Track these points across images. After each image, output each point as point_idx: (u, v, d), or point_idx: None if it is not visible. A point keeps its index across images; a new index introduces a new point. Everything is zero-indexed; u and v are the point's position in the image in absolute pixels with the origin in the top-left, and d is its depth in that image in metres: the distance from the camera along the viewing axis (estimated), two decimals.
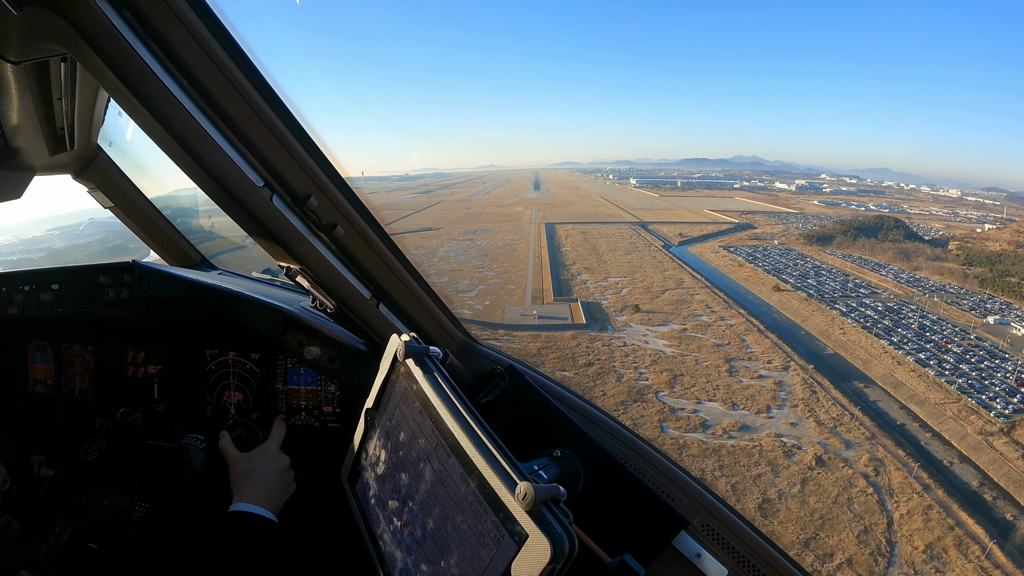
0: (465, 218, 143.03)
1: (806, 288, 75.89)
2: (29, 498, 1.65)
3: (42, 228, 16.41)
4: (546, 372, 1.69)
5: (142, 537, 1.77)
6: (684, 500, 1.39)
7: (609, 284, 76.73)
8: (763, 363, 50.10)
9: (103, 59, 0.82)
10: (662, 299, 69.08)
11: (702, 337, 56.00)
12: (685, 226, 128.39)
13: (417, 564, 1.10)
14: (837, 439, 37.66)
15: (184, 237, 2.57)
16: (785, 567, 1.35)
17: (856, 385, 48.51)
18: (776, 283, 77.30)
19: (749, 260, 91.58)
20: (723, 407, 41.30)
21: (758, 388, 44.70)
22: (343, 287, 1.37)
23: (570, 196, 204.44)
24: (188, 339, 1.94)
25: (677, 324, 59.77)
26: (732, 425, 38.44)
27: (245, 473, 1.50)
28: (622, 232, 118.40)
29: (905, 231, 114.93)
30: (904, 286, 78.42)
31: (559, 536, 0.84)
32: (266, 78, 1.00)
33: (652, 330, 57.91)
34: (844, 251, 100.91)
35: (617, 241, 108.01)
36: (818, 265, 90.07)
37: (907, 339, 57.69)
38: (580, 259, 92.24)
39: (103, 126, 1.94)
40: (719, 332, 57.71)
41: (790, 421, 39.88)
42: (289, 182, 1.12)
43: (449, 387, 1.11)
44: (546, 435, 1.43)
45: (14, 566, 1.54)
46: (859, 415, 41.74)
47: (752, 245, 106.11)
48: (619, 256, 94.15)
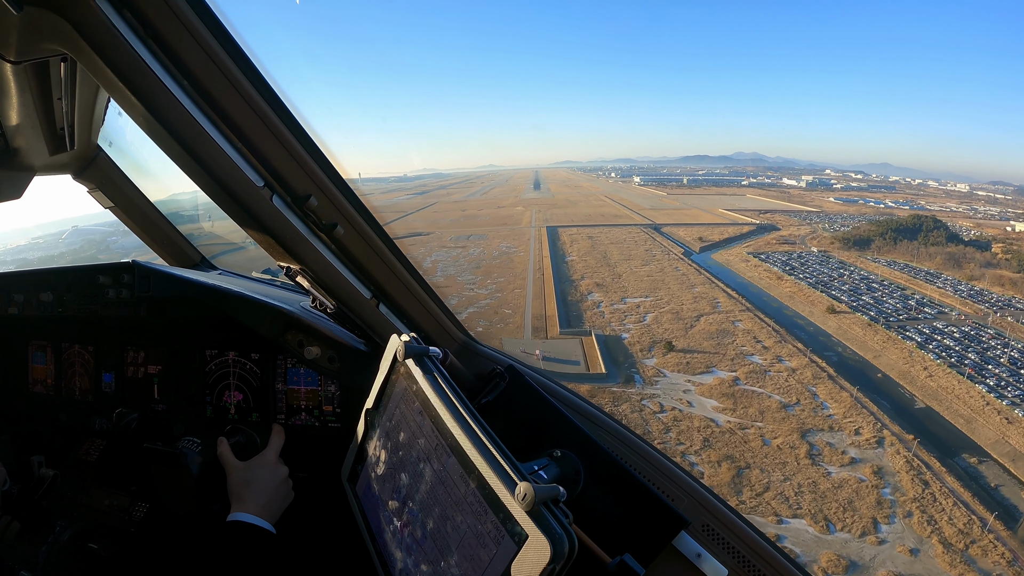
0: (459, 221, 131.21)
1: (863, 307, 65.01)
2: (29, 498, 1.65)
3: (28, 237, 16.41)
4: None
5: (141, 538, 1.77)
6: (684, 500, 1.39)
7: (628, 307, 62.07)
8: (849, 435, 37.49)
9: (103, 59, 0.82)
10: (698, 329, 54.77)
11: (761, 392, 42.62)
12: (702, 228, 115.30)
13: (417, 564, 1.10)
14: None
15: (184, 237, 2.57)
16: (785, 567, 1.35)
17: (967, 461, 37.01)
18: (829, 303, 65.32)
19: (787, 271, 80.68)
20: (814, 528, 28.95)
21: (854, 484, 32.25)
22: (343, 287, 1.37)
23: (572, 195, 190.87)
24: (188, 339, 1.94)
25: (725, 371, 45.96)
26: (834, 564, 26.73)
27: (243, 482, 1.50)
28: (634, 236, 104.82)
29: (946, 232, 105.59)
30: (969, 302, 68.46)
31: (559, 536, 0.84)
32: (266, 78, 1.00)
33: (694, 381, 43.90)
34: (886, 256, 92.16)
35: (630, 248, 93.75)
36: (866, 276, 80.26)
37: (1004, 381, 47.22)
38: (590, 272, 77.94)
39: (103, 126, 1.94)
40: (781, 382, 44.21)
41: (908, 546, 28.05)
42: (289, 182, 1.12)
43: (449, 387, 1.11)
44: (546, 435, 1.43)
45: (14, 566, 1.54)
46: (992, 523, 29.82)
47: (784, 252, 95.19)
48: (635, 267, 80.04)
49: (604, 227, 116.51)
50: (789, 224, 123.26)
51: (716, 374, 45.53)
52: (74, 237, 17.12)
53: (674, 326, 55.47)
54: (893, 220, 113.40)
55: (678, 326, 55.48)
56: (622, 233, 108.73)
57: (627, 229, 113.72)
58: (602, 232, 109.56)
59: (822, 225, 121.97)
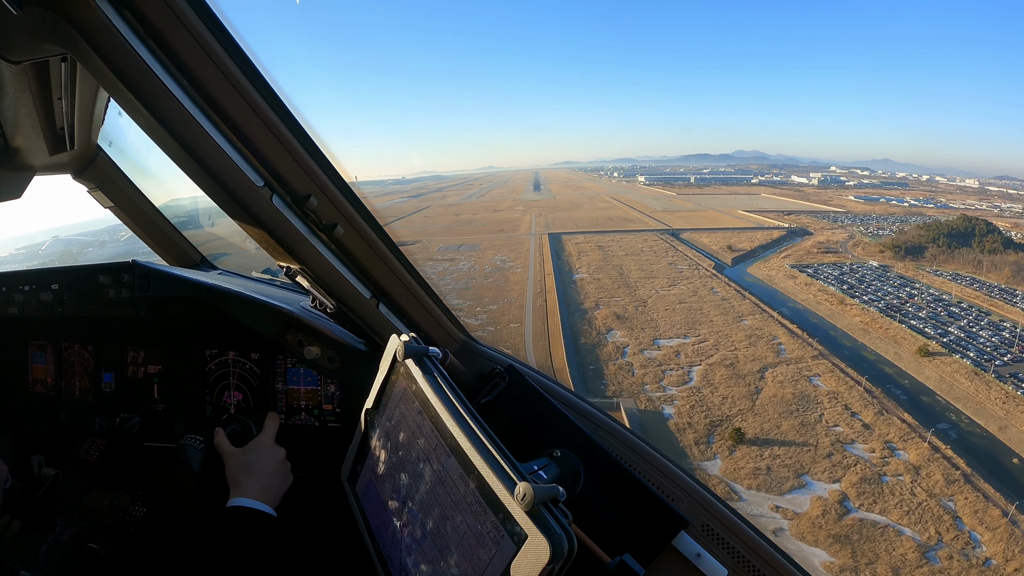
0: (451, 227, 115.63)
1: (957, 346, 49.49)
2: (30, 497, 1.66)
3: (9, 249, 16.36)
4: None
5: (142, 538, 1.77)
6: (684, 500, 1.39)
7: (664, 354, 43.67)
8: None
9: (103, 59, 0.82)
10: (768, 394, 37.05)
11: (884, 522, 27.41)
12: (727, 234, 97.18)
13: (417, 564, 1.10)
14: None
15: (184, 237, 2.57)
16: (785, 567, 1.35)
17: None
18: (916, 340, 49.63)
19: (847, 291, 64.31)
20: None
21: None
22: (343, 287, 1.37)
23: (575, 197, 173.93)
24: (188, 339, 1.94)
25: (824, 479, 30.16)
26: None
27: (241, 467, 1.49)
28: (651, 245, 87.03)
29: (1001, 237, 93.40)
30: None
31: (558, 536, 0.84)
32: (266, 78, 1.00)
33: (785, 509, 28.11)
34: (946, 267, 79.20)
35: (650, 260, 75.53)
36: (938, 297, 65.39)
37: None
38: (605, 296, 59.25)
39: (103, 126, 1.94)
40: (905, 497, 28.94)
41: None
42: (289, 182, 1.12)
43: (448, 387, 1.11)
44: (546, 435, 1.43)
45: (14, 566, 1.54)
46: None
47: (831, 263, 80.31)
48: (662, 288, 61.16)
49: (615, 233, 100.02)
50: (820, 227, 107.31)
51: (812, 489, 29.27)
52: (54, 247, 17.21)
53: (734, 390, 36.88)
54: (942, 224, 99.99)
55: (739, 390, 36.94)
56: (637, 241, 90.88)
57: (641, 236, 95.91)
58: (613, 240, 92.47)
59: (857, 228, 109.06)
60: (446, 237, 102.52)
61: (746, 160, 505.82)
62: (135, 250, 2.42)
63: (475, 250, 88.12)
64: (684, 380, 39.76)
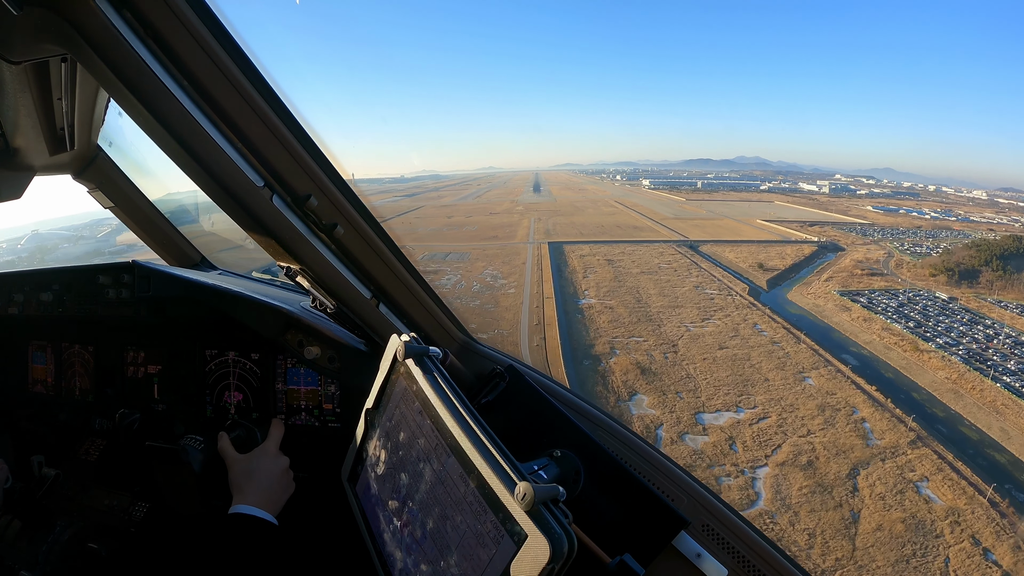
0: (441, 231, 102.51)
1: None
2: (30, 497, 1.66)
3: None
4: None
5: (142, 538, 1.77)
6: (684, 500, 1.39)
7: (714, 442, 30.64)
8: None
9: (103, 59, 0.82)
10: (871, 526, 24.99)
11: None
12: (752, 249, 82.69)
13: (417, 564, 1.10)
14: None
15: (184, 237, 2.57)
16: (785, 567, 1.35)
17: None
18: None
19: (914, 329, 52.02)
20: None
21: None
22: (343, 287, 1.37)
23: (577, 200, 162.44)
24: (188, 339, 1.94)
25: None
26: None
27: (244, 474, 1.50)
28: (668, 259, 73.79)
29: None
30: None
31: (558, 536, 0.84)
32: (266, 78, 1.00)
33: None
34: (1008, 295, 68.80)
35: (671, 281, 61.21)
36: (1018, 339, 52.93)
37: None
38: (621, 332, 45.55)
39: (103, 126, 1.94)
40: None
41: None
42: (289, 182, 1.12)
43: (449, 387, 1.11)
44: (546, 435, 1.43)
45: (14, 565, 1.54)
46: None
47: (882, 289, 68.34)
48: (692, 322, 47.30)
49: (625, 244, 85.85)
50: (851, 242, 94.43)
51: None
52: (32, 243, 17.28)
53: (822, 518, 24.78)
54: (993, 244, 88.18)
55: (829, 517, 24.94)
56: (651, 254, 76.55)
57: (656, 248, 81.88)
58: (624, 252, 77.97)
59: (893, 245, 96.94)
60: (434, 242, 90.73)
61: (748, 166, 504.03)
62: (104, 248, 2.36)
63: (464, 260, 74.96)
64: (749, 498, 26.68)
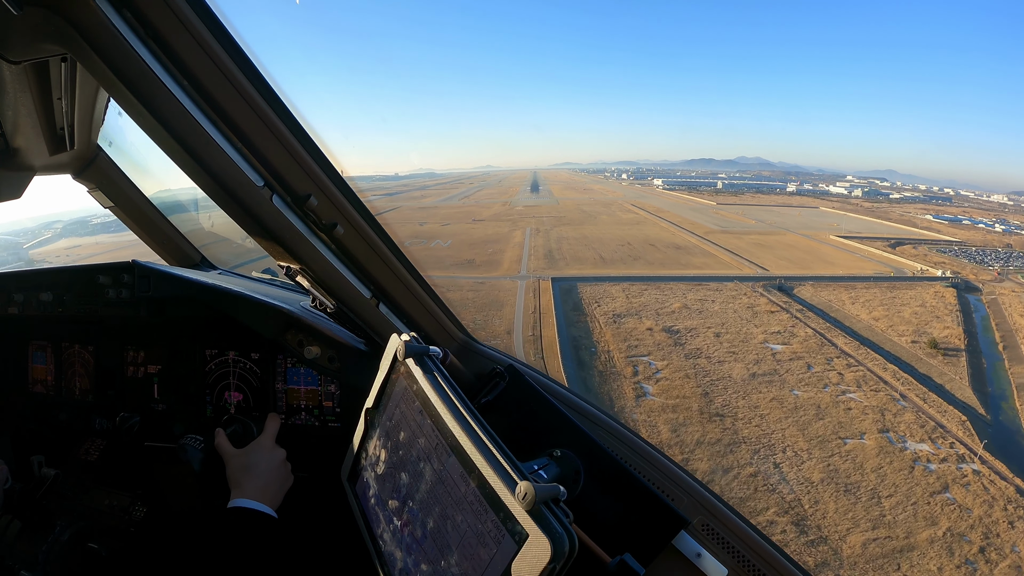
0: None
1: None
2: (30, 497, 1.65)
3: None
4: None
5: (142, 537, 1.77)
6: (684, 500, 1.39)
7: None
8: None
9: (103, 59, 0.82)
10: None
11: None
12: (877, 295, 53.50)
13: (417, 564, 1.10)
14: None
15: (184, 237, 2.57)
16: (785, 567, 1.35)
17: None
18: None
19: None
20: None
21: None
22: (343, 287, 1.37)
23: (584, 203, 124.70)
24: (188, 339, 1.94)
25: None
26: None
27: (242, 468, 1.49)
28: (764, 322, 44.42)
29: None
30: None
31: (559, 536, 0.84)
32: (266, 78, 1.00)
33: None
34: None
35: (809, 398, 32.36)
36: None
37: None
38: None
39: (103, 126, 1.94)
40: None
41: None
42: (289, 182, 1.12)
43: (449, 387, 1.11)
44: (546, 435, 1.43)
45: (14, 566, 1.54)
46: None
47: None
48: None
49: (677, 283, 53.90)
50: (979, 275, 64.54)
51: None
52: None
53: None
54: None
55: None
56: (732, 308, 47.15)
57: (729, 292, 51.61)
58: (687, 305, 47.50)
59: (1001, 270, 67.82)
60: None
61: (751, 166, 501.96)
62: (65, 247, 2.24)
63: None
64: None
